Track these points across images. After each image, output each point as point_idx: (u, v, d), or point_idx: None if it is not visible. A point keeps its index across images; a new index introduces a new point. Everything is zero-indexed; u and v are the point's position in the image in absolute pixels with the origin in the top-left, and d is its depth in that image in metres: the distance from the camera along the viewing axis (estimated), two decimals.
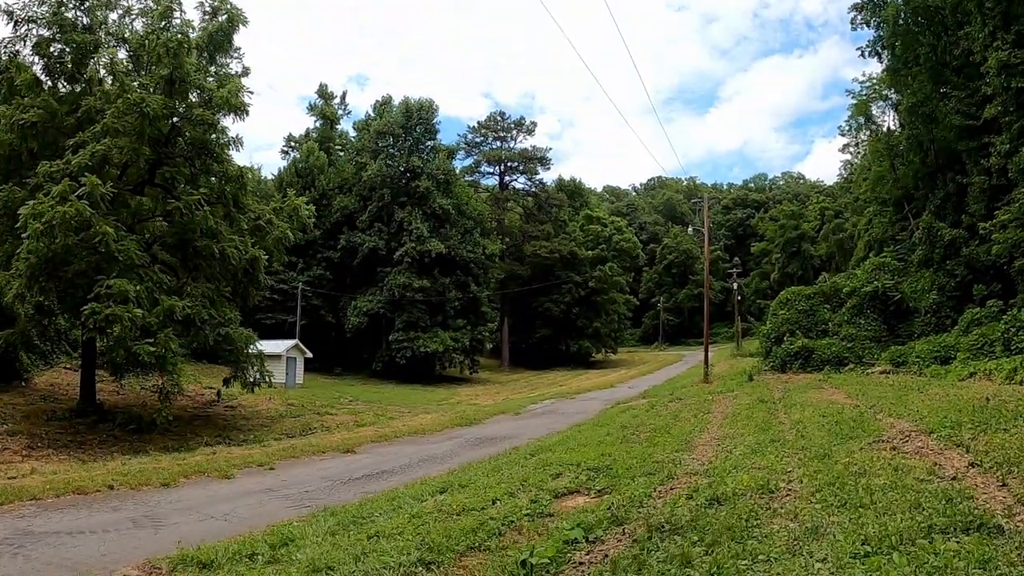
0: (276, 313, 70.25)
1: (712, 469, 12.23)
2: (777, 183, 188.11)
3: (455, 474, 16.14)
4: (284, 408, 41.75)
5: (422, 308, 69.40)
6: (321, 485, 17.17)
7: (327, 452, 22.87)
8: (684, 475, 12.21)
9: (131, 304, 25.44)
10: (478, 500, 11.98)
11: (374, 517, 11.88)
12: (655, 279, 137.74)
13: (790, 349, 41.86)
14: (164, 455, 23.23)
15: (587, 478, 13.34)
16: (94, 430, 30.14)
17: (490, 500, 11.98)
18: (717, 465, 12.58)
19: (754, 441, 15.26)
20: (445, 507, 11.63)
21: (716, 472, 11.85)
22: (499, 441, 24.65)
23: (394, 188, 72.92)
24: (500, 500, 11.94)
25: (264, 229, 34.09)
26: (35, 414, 31.61)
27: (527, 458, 17.45)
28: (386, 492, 14.76)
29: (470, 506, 11.50)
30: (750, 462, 12.39)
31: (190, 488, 17.05)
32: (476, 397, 55.43)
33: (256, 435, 31.91)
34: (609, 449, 16.86)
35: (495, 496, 12.21)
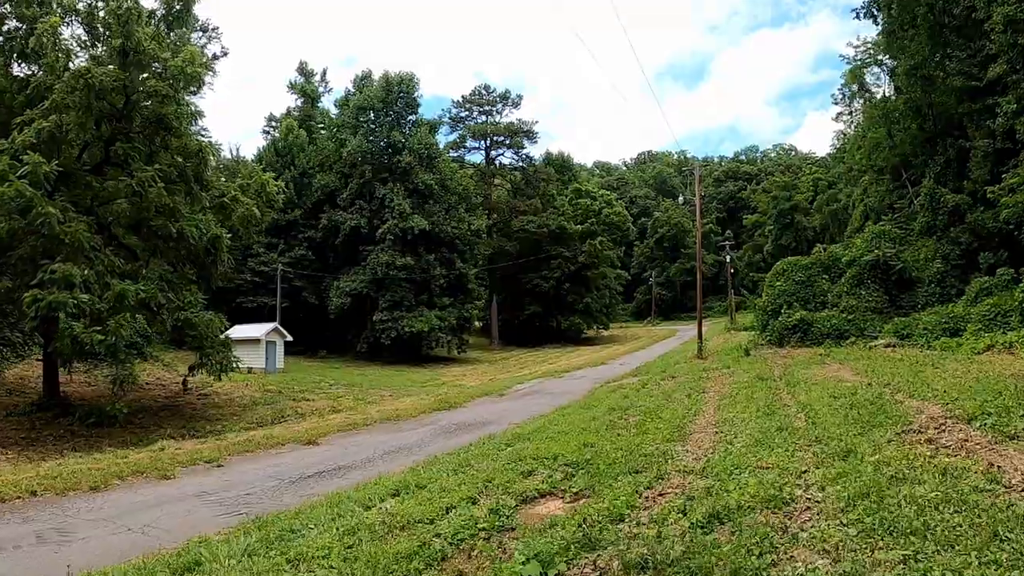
0: (257, 296, 68.18)
1: (710, 467, 10.30)
2: (769, 155, 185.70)
3: (416, 471, 14.15)
4: (260, 395, 39.82)
5: (406, 287, 67.24)
6: (266, 486, 15.25)
7: (287, 444, 20.91)
8: (676, 474, 10.29)
9: (77, 290, 23.83)
10: (431, 508, 10.07)
11: (305, 531, 9.97)
12: (647, 253, 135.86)
13: (788, 322, 39.98)
14: (112, 452, 21.29)
15: (563, 476, 11.49)
16: (52, 425, 28.72)
17: (445, 508, 10.10)
18: (716, 461, 10.65)
19: (758, 429, 13.34)
20: (390, 519, 9.69)
21: (715, 471, 9.93)
22: (476, 427, 22.73)
23: (375, 164, 70.57)
24: (457, 507, 10.07)
25: (229, 207, 32.13)
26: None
27: (500, 449, 15.49)
28: (332, 495, 12.80)
29: (419, 517, 9.62)
30: (755, 458, 10.48)
31: (120, 492, 15.19)
32: (463, 377, 53.49)
33: (224, 425, 30.25)
34: (592, 438, 14.90)
35: (452, 502, 10.33)
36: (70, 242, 24.62)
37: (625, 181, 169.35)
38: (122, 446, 23.75)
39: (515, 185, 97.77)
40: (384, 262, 65.77)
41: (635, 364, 45.49)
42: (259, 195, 34.90)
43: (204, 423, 30.97)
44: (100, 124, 28.27)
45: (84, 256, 25.39)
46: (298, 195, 72.08)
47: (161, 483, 16.00)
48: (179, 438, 25.47)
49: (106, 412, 27.08)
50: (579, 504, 9.68)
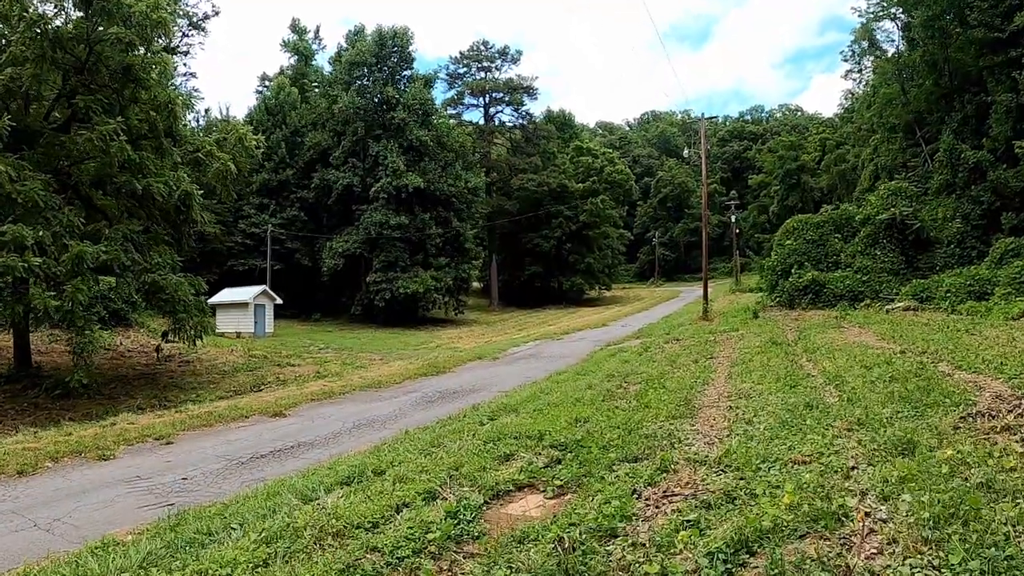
0: (249, 259, 66.64)
1: (728, 456, 8.24)
2: (775, 115, 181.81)
3: (380, 452, 12.18)
4: (244, 361, 37.98)
5: (401, 247, 65.09)
6: (210, 468, 13.33)
7: (252, 416, 18.99)
8: (685, 465, 8.26)
9: (29, 252, 21.94)
10: (380, 505, 8.11)
11: (224, 534, 8.04)
12: (650, 213, 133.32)
13: (798, 283, 37.89)
14: (64, 426, 19.36)
15: (548, 461, 9.54)
16: (16, 398, 27.22)
17: (396, 505, 8.18)
18: (735, 449, 8.59)
19: (781, 405, 11.31)
20: (325, 520, 7.72)
21: (735, 463, 7.91)
22: (461, 396, 20.87)
23: (368, 121, 68.12)
24: (411, 505, 8.11)
25: (204, 162, 30.05)
26: None
27: (481, 424, 13.52)
28: (274, 484, 10.88)
29: (360, 519, 7.65)
30: (785, 446, 8.48)
31: (47, 477, 13.32)
32: (458, 340, 51.53)
33: (198, 394, 28.46)
34: (586, 411, 12.92)
35: (407, 497, 8.37)
36: (23, 202, 22.92)
37: (628, 141, 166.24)
38: (84, 419, 22.15)
39: (515, 143, 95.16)
40: (377, 221, 63.65)
41: (637, 326, 43.46)
42: (238, 149, 32.59)
43: (178, 392, 29.20)
44: (67, 77, 26.56)
45: (42, 217, 23.67)
46: (290, 155, 70.13)
47: (96, 465, 14.12)
48: (146, 409, 23.62)
49: (65, 383, 25.10)
50: (562, 504, 7.72)
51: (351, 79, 69.89)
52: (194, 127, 65.21)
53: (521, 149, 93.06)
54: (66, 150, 26.30)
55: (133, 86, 27.48)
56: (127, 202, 27.99)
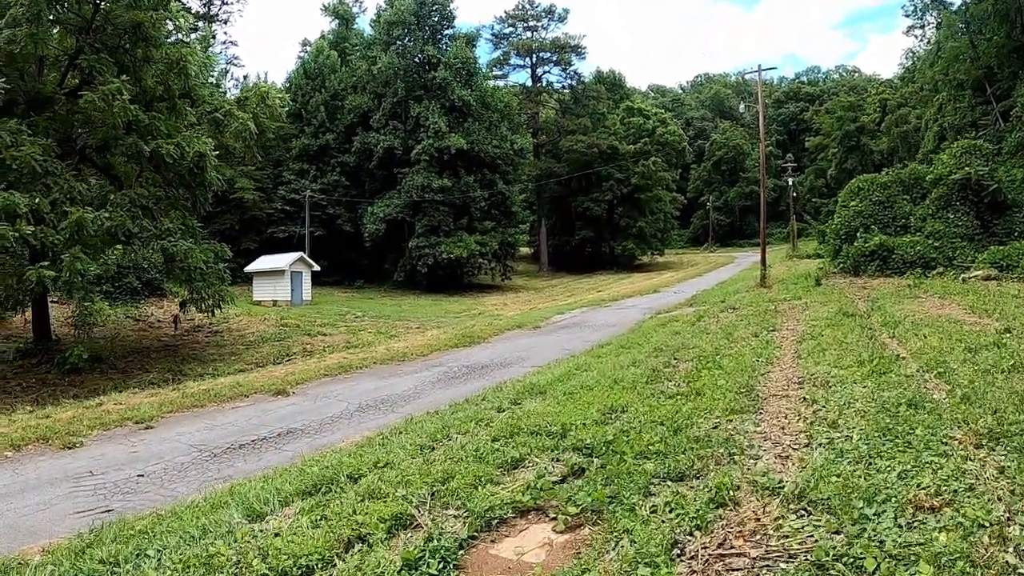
0: (288, 225, 64.89)
1: (813, 487, 5.67)
2: (832, 76, 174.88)
3: (370, 446, 10.02)
4: (275, 330, 36.32)
5: (444, 211, 62.86)
6: (177, 461, 11.44)
7: (252, 394, 17.00)
8: (750, 495, 5.85)
9: (22, 220, 20.48)
10: (332, 535, 6.04)
11: (132, 564, 6.27)
12: (704, 177, 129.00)
13: (864, 248, 34.74)
14: (52, 406, 17.63)
15: (565, 472, 7.29)
16: (27, 373, 26.11)
17: (353, 537, 6.06)
18: (821, 473, 6.02)
19: (873, 400, 8.72)
20: (252, 557, 5.73)
21: (823, 497, 5.44)
22: (490, 371, 18.62)
23: (409, 81, 65.71)
24: (370, 538, 5.97)
25: (222, 122, 28.21)
26: None
27: (498, 411, 11.27)
28: (231, 488, 8.89)
29: (296, 557, 5.63)
30: (895, 475, 5.82)
31: (2, 468, 11.60)
32: (503, 307, 49.40)
33: (215, 367, 26.89)
34: (625, 397, 10.57)
35: (370, 524, 6.19)
36: (18, 167, 21.51)
37: (680, 103, 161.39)
38: (90, 394, 20.60)
39: (563, 104, 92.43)
40: (419, 184, 61.53)
41: (690, 292, 40.67)
42: (260, 108, 30.74)
43: (196, 365, 27.59)
44: (79, 38, 24.97)
45: (41, 183, 22.34)
46: (330, 119, 68.29)
47: (56, 456, 12.27)
48: (158, 384, 21.91)
49: (67, 359, 23.54)
50: (573, 545, 5.45)
51: (390, 39, 67.41)
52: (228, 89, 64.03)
53: (570, 110, 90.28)
54: (72, 114, 24.93)
55: (144, 45, 25.72)
56: (138, 166, 26.52)
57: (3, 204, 20.19)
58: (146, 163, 25.90)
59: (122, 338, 33.59)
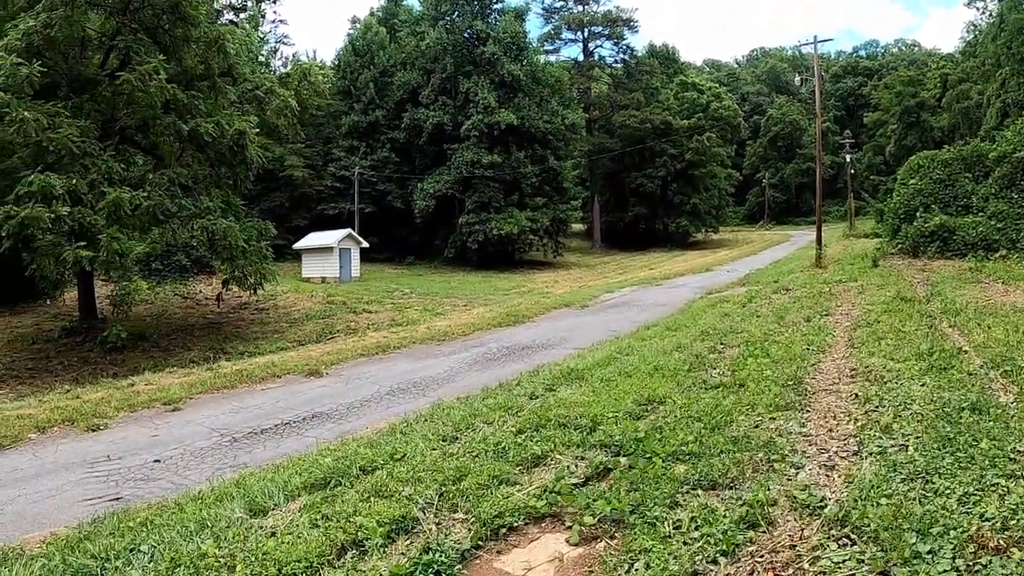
0: (339, 202, 64.56)
1: (860, 510, 4.82)
2: (891, 50, 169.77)
3: (391, 435, 9.46)
4: (321, 307, 36.10)
5: (494, 186, 62.06)
6: (196, 446, 11.19)
7: (285, 375, 16.68)
8: (788, 513, 5.14)
9: (59, 202, 20.48)
10: (325, 538, 5.56)
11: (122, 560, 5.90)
12: (759, 153, 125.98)
13: (924, 228, 33.18)
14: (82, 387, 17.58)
15: (588, 473, 6.65)
16: (70, 351, 26.36)
17: (349, 542, 5.54)
18: (870, 492, 5.23)
19: (931, 402, 7.80)
20: (238, 561, 5.30)
21: (871, 524, 4.64)
22: (530, 353, 18.05)
23: (458, 56, 64.80)
24: (366, 544, 5.46)
25: (263, 99, 28.00)
26: (24, 337, 28.39)
27: (530, 399, 10.63)
28: (240, 479, 8.47)
29: (282, 563, 5.18)
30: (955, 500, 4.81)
31: (19, 452, 11.48)
32: (553, 284, 48.71)
33: (257, 345, 26.74)
34: (663, 387, 9.85)
35: (368, 527, 5.62)
36: (55, 149, 21.47)
37: (736, 77, 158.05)
38: (129, 373, 20.66)
39: (616, 79, 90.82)
40: (469, 160, 60.83)
41: (744, 272, 39.58)
42: (303, 85, 30.52)
43: (238, 343, 27.47)
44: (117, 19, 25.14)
45: (79, 164, 22.24)
46: (379, 95, 67.71)
47: (78, 438, 12.11)
48: (198, 363, 21.79)
49: (105, 338, 23.55)
50: (586, 562, 4.82)
51: (439, 14, 66.54)
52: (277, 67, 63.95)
53: (623, 85, 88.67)
54: (116, 95, 24.85)
55: (183, 24, 25.64)
56: (178, 144, 26.49)
57: (39, 186, 20.20)
58: (187, 142, 25.88)
59: (168, 316, 33.70)
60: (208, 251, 28.95)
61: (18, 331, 29.33)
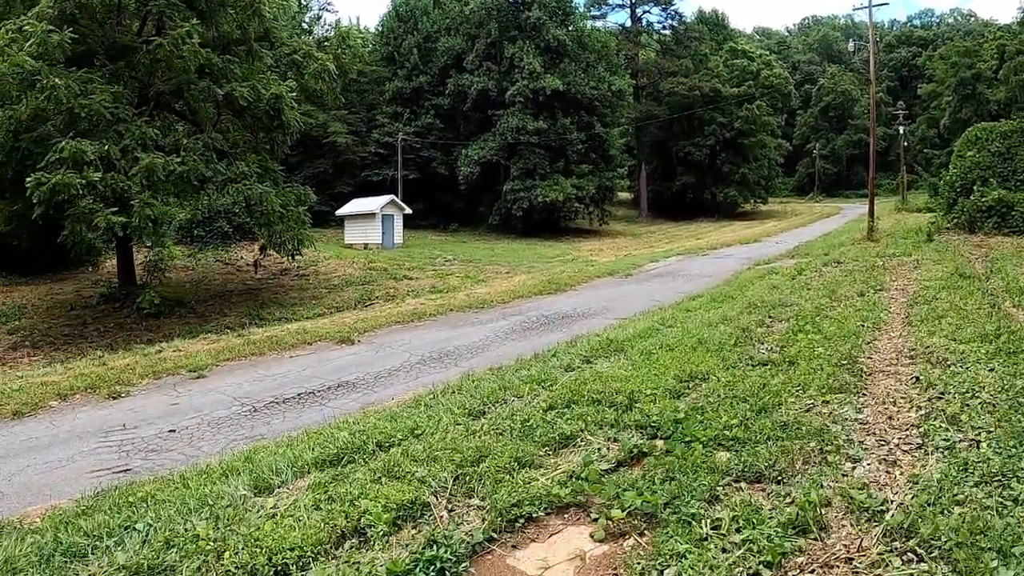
0: (382, 168, 64.28)
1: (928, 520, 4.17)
2: (946, 20, 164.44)
3: (415, 407, 8.91)
4: (361, 273, 35.80)
5: (540, 153, 61.29)
6: (214, 416, 10.75)
7: (317, 342, 16.23)
8: (844, 518, 4.50)
9: (90, 168, 20.23)
10: (327, 524, 5.07)
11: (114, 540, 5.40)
12: (810, 123, 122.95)
13: (981, 202, 31.73)
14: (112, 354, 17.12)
15: (621, 458, 6.06)
16: (107, 317, 26.44)
17: (343, 531, 5.05)
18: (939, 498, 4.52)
19: (1003, 389, 6.97)
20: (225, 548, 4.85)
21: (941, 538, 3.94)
22: (569, 322, 17.42)
23: (502, 21, 63.81)
24: (369, 532, 4.99)
25: (301, 64, 27.60)
26: (64, 304, 28.42)
27: (565, 371, 10.04)
28: (250, 452, 7.96)
29: (272, 552, 4.73)
30: None
31: (38, 420, 11.10)
32: (598, 252, 47.91)
33: (293, 311, 26.54)
34: (707, 362, 9.16)
35: (375, 512, 5.13)
36: (87, 116, 21.24)
37: (787, 46, 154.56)
38: (163, 339, 20.35)
39: (664, 45, 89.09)
40: (514, 127, 60.10)
41: (793, 243, 38.39)
42: (342, 49, 30.02)
43: (275, 309, 27.24)
44: None
45: (113, 131, 21.99)
46: (423, 61, 67.16)
47: (98, 406, 11.74)
48: (232, 329, 21.36)
49: (139, 305, 23.38)
50: (608, 569, 4.22)
51: None
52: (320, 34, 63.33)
53: (671, 52, 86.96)
54: (154, 62, 24.44)
55: None
56: (215, 109, 26.17)
57: (70, 152, 19.95)
58: (223, 107, 25.60)
59: (208, 282, 33.60)
60: (247, 217, 28.69)
61: (58, 297, 29.36)
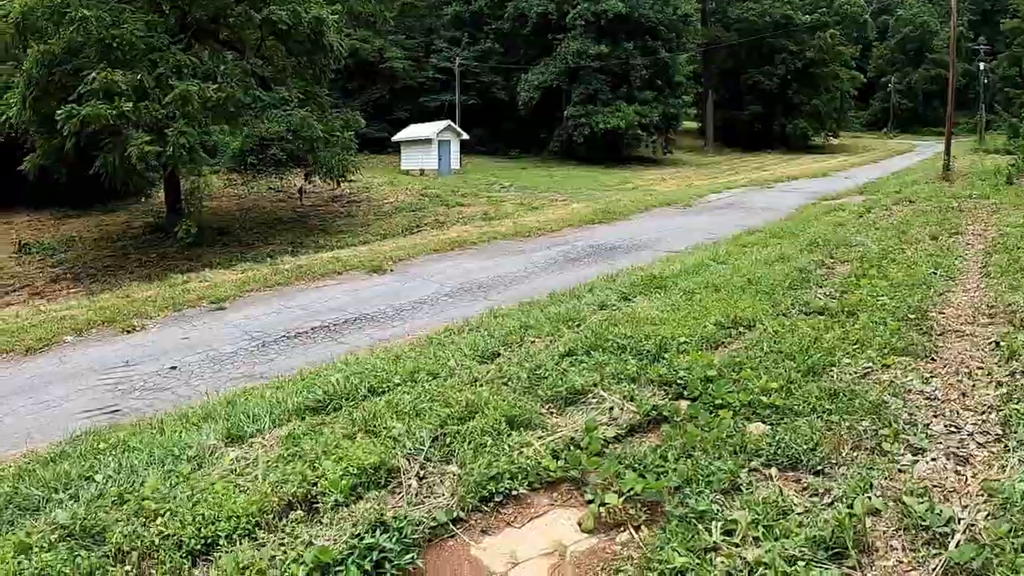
0: (441, 94, 63.15)
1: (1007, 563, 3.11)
2: None
3: (427, 345, 8.15)
4: (413, 200, 35.24)
5: (601, 79, 59.51)
6: (222, 351, 10.19)
7: (347, 271, 15.53)
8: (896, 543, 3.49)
9: (121, 99, 19.97)
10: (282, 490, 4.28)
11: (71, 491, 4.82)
12: (886, 56, 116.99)
13: None
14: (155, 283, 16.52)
15: (635, 421, 5.19)
16: (150, 248, 26.70)
17: (290, 498, 4.35)
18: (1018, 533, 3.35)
19: None
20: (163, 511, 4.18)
21: None
22: (616, 254, 16.51)
23: None
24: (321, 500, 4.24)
25: None
26: (111, 235, 28.64)
27: (598, 309, 9.12)
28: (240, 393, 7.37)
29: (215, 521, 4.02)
30: None
31: (47, 356, 10.66)
32: (659, 182, 46.55)
33: (338, 239, 26.15)
34: (755, 307, 8.11)
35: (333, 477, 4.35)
36: (119, 45, 21.00)
37: None
38: (204, 267, 19.58)
39: None
40: (575, 51, 58.40)
41: (862, 180, 36.49)
42: None
43: (319, 236, 26.84)
44: None
45: (147, 60, 21.80)
46: None
47: (110, 340, 11.24)
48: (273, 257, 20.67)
49: (177, 234, 23.09)
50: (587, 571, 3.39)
51: None
52: None
53: None
54: None
55: None
56: (256, 35, 25.58)
57: (102, 83, 19.66)
58: (262, 31, 24.89)
59: (257, 210, 33.30)
60: (294, 143, 28.18)
61: (107, 229, 29.42)
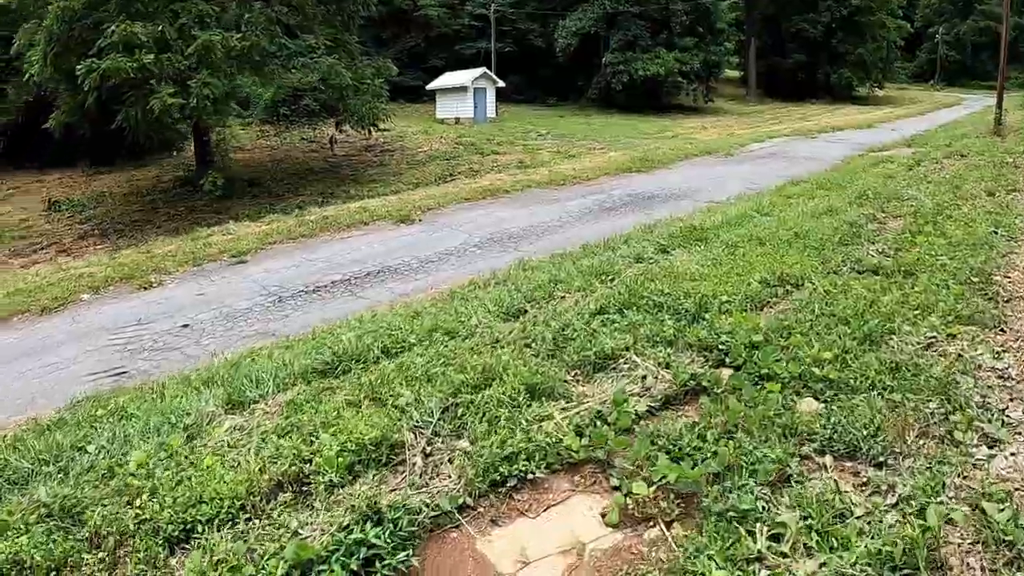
0: (477, 42, 61.99)
1: None
2: None
3: (450, 301, 7.63)
4: (448, 148, 34.67)
5: (640, 24, 58.02)
6: (235, 308, 9.76)
7: (375, 222, 14.98)
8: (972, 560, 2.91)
9: (142, 51, 19.70)
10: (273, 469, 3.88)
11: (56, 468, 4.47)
12: (934, 6, 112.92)
13: None
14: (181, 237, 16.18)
15: (669, 392, 4.67)
16: (179, 202, 26.60)
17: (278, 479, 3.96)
18: None
19: None
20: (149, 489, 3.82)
21: None
22: (654, 203, 15.77)
23: None
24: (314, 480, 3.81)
25: None
26: (140, 191, 28.55)
27: (633, 262, 8.54)
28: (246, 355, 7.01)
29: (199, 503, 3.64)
30: None
31: (62, 316, 10.24)
32: (700, 130, 45.37)
33: (370, 189, 25.74)
34: (804, 264, 7.47)
35: (325, 459, 3.89)
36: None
37: None
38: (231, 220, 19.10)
39: None
40: None
41: (909, 132, 34.86)
42: None
43: (351, 186, 26.46)
44: None
45: (168, 10, 21.29)
46: None
47: (126, 297, 10.88)
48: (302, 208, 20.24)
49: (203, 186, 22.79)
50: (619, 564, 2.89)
51: None
52: None
53: None
54: None
55: None
56: None
57: (121, 36, 19.32)
58: None
59: (289, 160, 32.89)
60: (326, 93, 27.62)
61: (138, 184, 29.31)
